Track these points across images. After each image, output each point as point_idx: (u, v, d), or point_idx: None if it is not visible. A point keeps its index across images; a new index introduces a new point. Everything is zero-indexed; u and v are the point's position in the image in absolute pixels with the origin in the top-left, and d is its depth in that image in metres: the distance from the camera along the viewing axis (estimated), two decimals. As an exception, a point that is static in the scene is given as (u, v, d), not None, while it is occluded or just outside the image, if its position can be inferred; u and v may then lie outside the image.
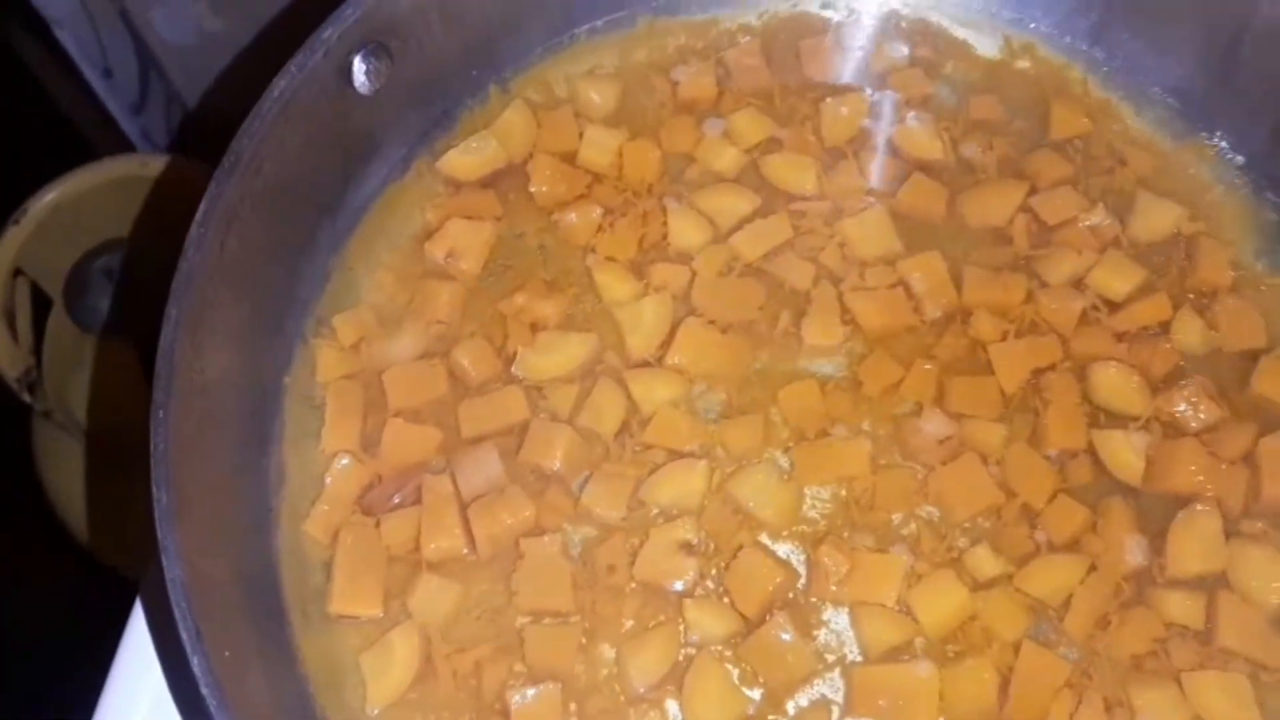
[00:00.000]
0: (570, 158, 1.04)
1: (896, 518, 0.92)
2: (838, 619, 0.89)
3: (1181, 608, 0.89)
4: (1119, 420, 0.95)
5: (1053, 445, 0.94)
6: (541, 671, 0.87)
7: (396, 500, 0.91)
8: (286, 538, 0.91)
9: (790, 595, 0.90)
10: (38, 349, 1.65)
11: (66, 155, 1.61)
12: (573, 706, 0.86)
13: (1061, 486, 0.93)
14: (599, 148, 1.04)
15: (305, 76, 0.87)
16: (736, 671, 0.87)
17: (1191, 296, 1.00)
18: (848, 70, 1.10)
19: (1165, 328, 0.98)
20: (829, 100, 1.07)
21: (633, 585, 0.89)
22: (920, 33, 1.12)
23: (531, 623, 0.88)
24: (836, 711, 0.86)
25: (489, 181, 1.03)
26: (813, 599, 0.89)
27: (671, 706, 0.86)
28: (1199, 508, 0.91)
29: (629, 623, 0.88)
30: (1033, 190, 1.03)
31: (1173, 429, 0.95)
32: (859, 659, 0.88)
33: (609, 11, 1.10)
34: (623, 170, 1.03)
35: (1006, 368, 0.96)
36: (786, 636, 0.87)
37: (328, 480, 0.92)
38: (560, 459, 0.92)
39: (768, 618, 0.88)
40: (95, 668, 0.96)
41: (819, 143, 1.06)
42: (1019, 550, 0.90)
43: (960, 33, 1.12)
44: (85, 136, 1.81)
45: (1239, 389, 0.97)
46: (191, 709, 0.93)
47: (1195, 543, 0.90)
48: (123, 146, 1.79)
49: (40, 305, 1.64)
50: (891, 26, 1.12)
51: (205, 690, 0.72)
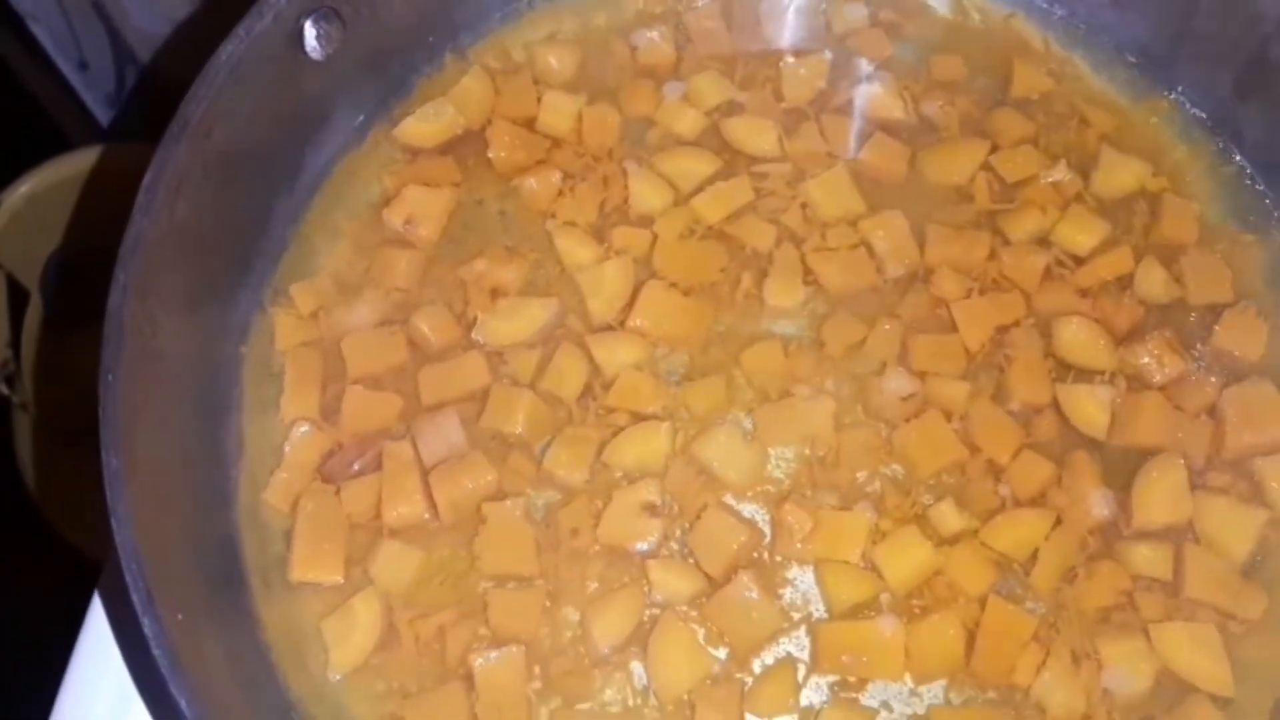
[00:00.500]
0: (529, 123, 1.03)
1: (861, 476, 0.91)
2: (803, 577, 0.89)
3: (1148, 559, 0.88)
4: (1083, 375, 0.95)
5: (1017, 401, 0.93)
6: (505, 635, 0.86)
7: (357, 467, 0.91)
8: (246, 506, 0.91)
9: (755, 555, 0.89)
10: (15, 341, 1.64)
11: (44, 147, 1.60)
12: (537, 669, 0.85)
13: (1026, 442, 0.92)
14: (558, 113, 1.03)
15: (254, 41, 0.86)
16: (701, 631, 0.87)
17: (1156, 251, 0.99)
18: (808, 32, 1.09)
19: (1128, 282, 0.98)
20: (789, 62, 1.06)
21: (596, 548, 0.89)
22: (881, -6, 1.11)
23: (495, 587, 0.88)
24: (802, 669, 0.86)
25: (447, 148, 1.03)
26: (777, 558, 0.89)
27: (636, 667, 0.86)
28: (1164, 458, 0.90)
29: (593, 585, 0.88)
30: (994, 148, 1.03)
31: (1137, 382, 0.94)
32: (824, 616, 0.87)
33: (567, -24, 1.09)
34: (582, 135, 1.03)
35: (970, 325, 0.95)
36: (751, 595, 0.86)
37: (287, 449, 0.91)
38: (522, 423, 0.92)
39: (732, 577, 0.87)
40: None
41: (780, 105, 1.05)
42: (984, 505, 0.90)
43: (920, -7, 1.11)
44: (62, 129, 1.81)
45: (1204, 343, 0.96)
46: (157, 697, 0.92)
47: (1161, 494, 0.89)
48: (100, 137, 1.78)
49: (17, 297, 1.63)
50: (852, -12, 1.11)
51: (157, 653, 0.71)
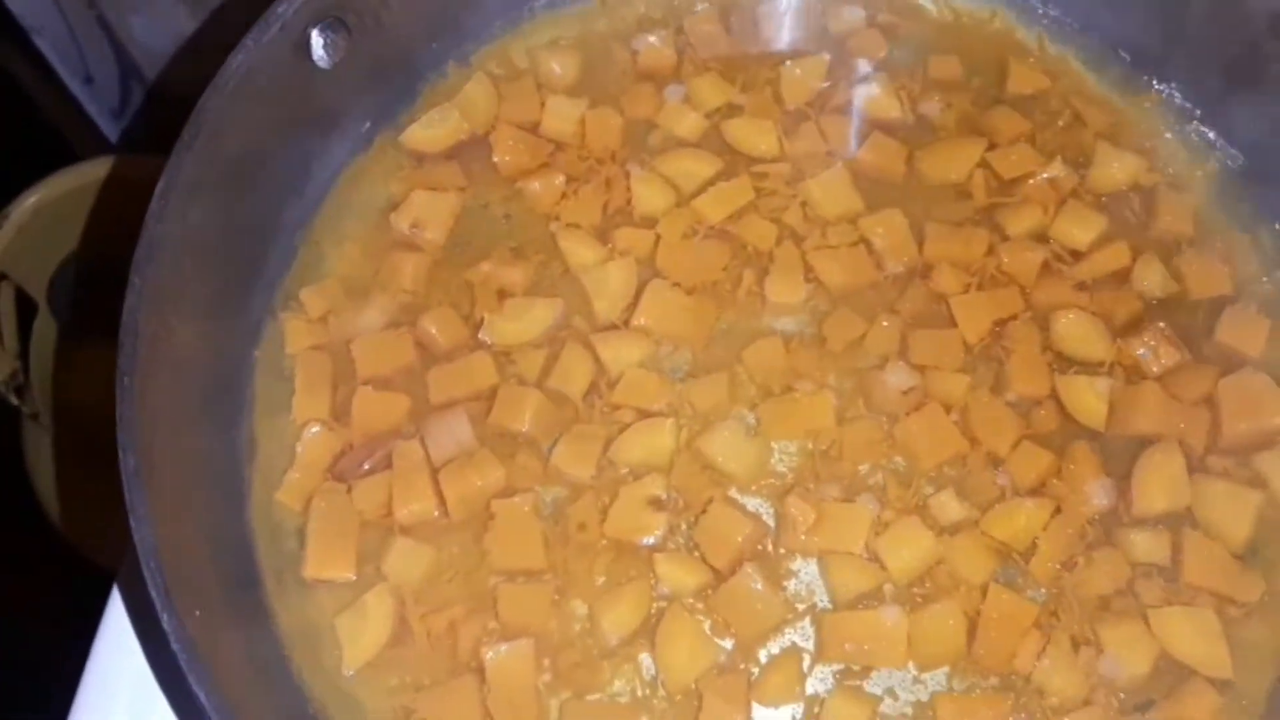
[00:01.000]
0: (533, 128, 1.05)
1: (863, 468, 0.93)
2: (807, 569, 0.90)
3: (1147, 546, 0.90)
4: (1081, 366, 0.96)
5: (1016, 393, 0.95)
6: (515, 629, 0.87)
7: (367, 466, 0.92)
8: (260, 506, 0.92)
9: (760, 547, 0.90)
10: (24, 352, 1.66)
11: (50, 161, 1.61)
12: (547, 661, 0.87)
13: (1025, 433, 0.94)
14: (561, 117, 1.05)
15: (262, 50, 0.88)
16: (708, 622, 0.88)
17: (1154, 246, 1.01)
18: (806, 34, 1.11)
19: (1126, 276, 0.99)
20: (788, 64, 1.08)
21: (604, 542, 0.90)
22: (877, -4, 1.13)
23: (504, 582, 0.89)
24: (807, 659, 0.87)
25: (452, 153, 1.04)
26: (782, 550, 0.90)
27: (645, 659, 0.87)
28: (1162, 447, 0.92)
29: (601, 579, 0.89)
30: (991, 146, 1.04)
31: (1134, 373, 0.96)
32: (828, 606, 0.89)
33: (568, -16, 1.11)
34: (585, 138, 1.04)
35: (968, 319, 0.97)
36: (756, 587, 0.88)
37: (299, 449, 0.93)
38: (529, 421, 0.93)
39: (738, 569, 0.88)
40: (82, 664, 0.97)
41: (779, 106, 1.06)
42: (985, 496, 0.91)
43: (916, -5, 1.13)
44: (68, 141, 1.82)
45: (1205, 336, 0.98)
46: (177, 695, 0.93)
47: (1160, 480, 0.91)
48: (105, 150, 1.80)
49: (25, 309, 1.65)
50: (848, -10, 1.13)
51: (176, 647, 0.72)
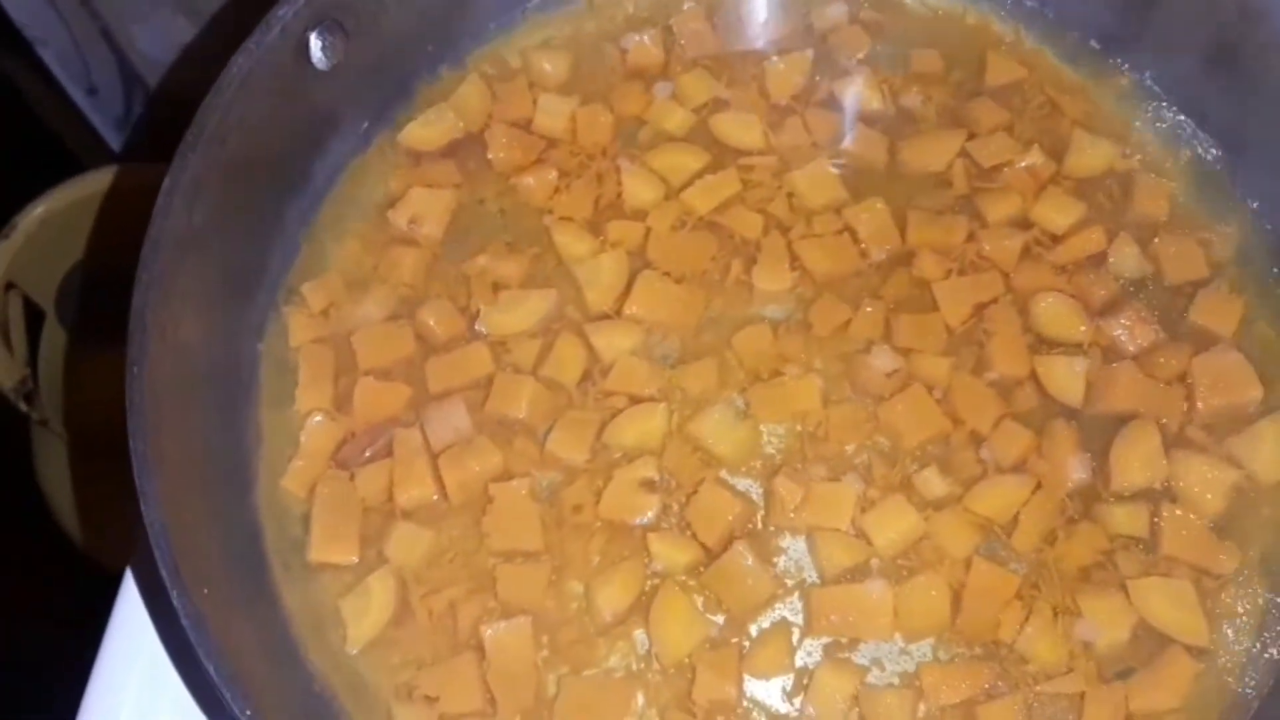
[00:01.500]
0: (526, 125, 1.08)
1: (849, 448, 0.96)
2: (795, 545, 0.93)
3: (1126, 520, 0.92)
4: (1060, 347, 0.99)
5: (997, 373, 0.97)
6: (513, 607, 0.90)
7: (369, 454, 0.95)
8: (266, 493, 0.95)
9: (750, 525, 0.93)
10: (33, 360, 1.69)
11: (55, 171, 1.65)
12: (545, 639, 0.90)
13: (1006, 412, 0.96)
14: (553, 114, 1.08)
15: (262, 53, 0.91)
16: (700, 599, 0.91)
17: (1131, 229, 1.03)
18: (790, 31, 1.13)
19: (1103, 259, 1.02)
20: (773, 59, 1.11)
21: (599, 523, 0.93)
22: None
23: (503, 562, 0.92)
24: (796, 632, 0.90)
25: (448, 151, 1.07)
26: (771, 528, 0.93)
27: (639, 634, 0.90)
28: (1139, 423, 0.95)
29: (596, 558, 0.92)
30: (971, 136, 1.07)
31: (1112, 353, 0.98)
32: (816, 581, 0.92)
33: (559, -14, 1.14)
34: (577, 134, 1.07)
35: (950, 303, 1.00)
36: (747, 563, 0.91)
37: (303, 438, 0.96)
38: (525, 409, 0.96)
39: (728, 547, 0.91)
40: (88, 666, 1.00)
41: (764, 100, 1.10)
42: (967, 473, 0.94)
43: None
44: (72, 151, 1.86)
45: (1180, 317, 1.00)
46: (189, 670, 0.96)
47: (1137, 455, 0.94)
48: (110, 160, 1.83)
49: (34, 317, 1.68)
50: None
51: (185, 623, 0.75)
